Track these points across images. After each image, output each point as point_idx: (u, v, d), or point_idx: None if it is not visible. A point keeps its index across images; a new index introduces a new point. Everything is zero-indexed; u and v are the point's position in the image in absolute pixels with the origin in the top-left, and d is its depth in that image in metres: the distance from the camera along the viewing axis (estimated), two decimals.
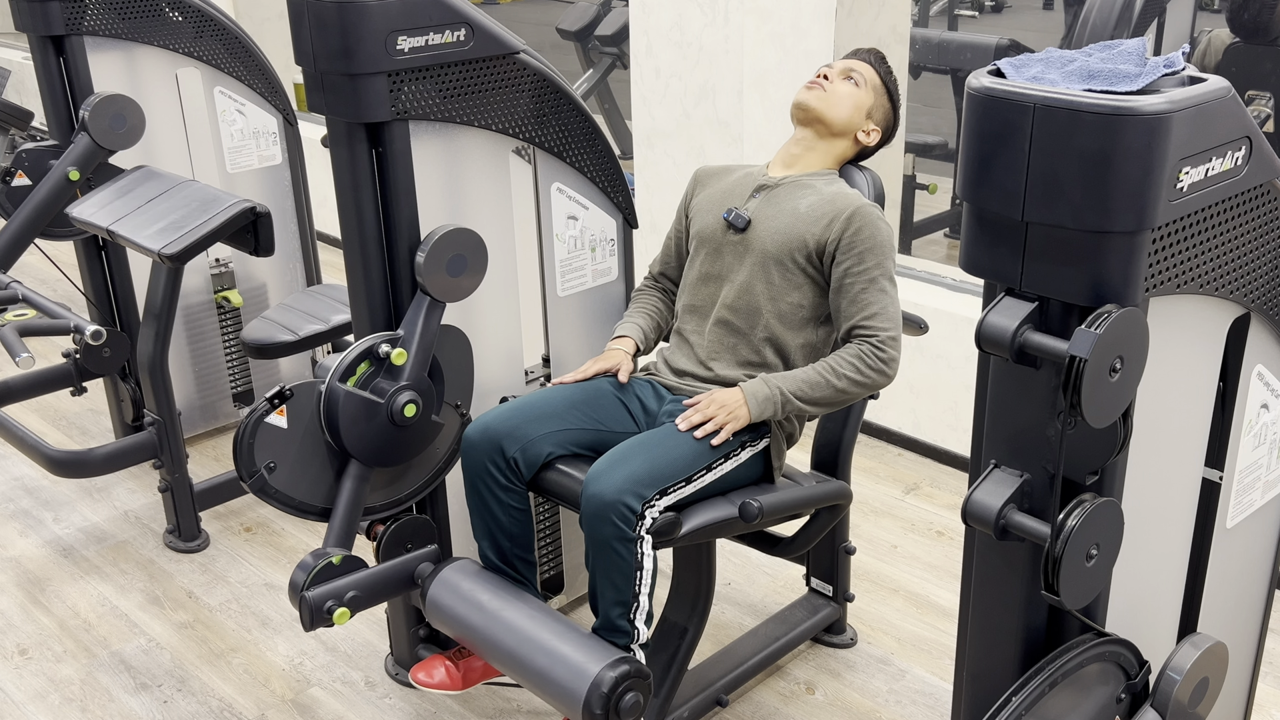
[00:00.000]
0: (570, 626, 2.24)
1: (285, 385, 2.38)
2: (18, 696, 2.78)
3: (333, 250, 5.41)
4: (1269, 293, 1.71)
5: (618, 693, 2.08)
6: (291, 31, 2.35)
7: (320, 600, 2.34)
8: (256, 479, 2.38)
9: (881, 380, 2.32)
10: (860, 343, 2.32)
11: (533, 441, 2.33)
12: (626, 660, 2.13)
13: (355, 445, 2.43)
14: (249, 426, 2.35)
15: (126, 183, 3.27)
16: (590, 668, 2.10)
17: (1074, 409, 1.41)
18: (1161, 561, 1.78)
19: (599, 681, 2.08)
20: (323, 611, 2.34)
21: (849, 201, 2.36)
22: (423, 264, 2.38)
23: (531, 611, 2.27)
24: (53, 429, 4.07)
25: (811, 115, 2.49)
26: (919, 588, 3.13)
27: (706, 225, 2.52)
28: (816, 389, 2.32)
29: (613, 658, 2.12)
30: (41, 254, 3.61)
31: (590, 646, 2.17)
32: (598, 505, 2.14)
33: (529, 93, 2.57)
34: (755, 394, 2.32)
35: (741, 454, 2.34)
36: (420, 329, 2.42)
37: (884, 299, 2.33)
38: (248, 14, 6.09)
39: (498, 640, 2.25)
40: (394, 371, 2.42)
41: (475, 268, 2.46)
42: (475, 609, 2.32)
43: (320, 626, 2.34)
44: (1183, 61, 1.48)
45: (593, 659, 2.12)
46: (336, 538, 2.46)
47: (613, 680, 2.08)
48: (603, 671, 2.09)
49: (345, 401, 2.38)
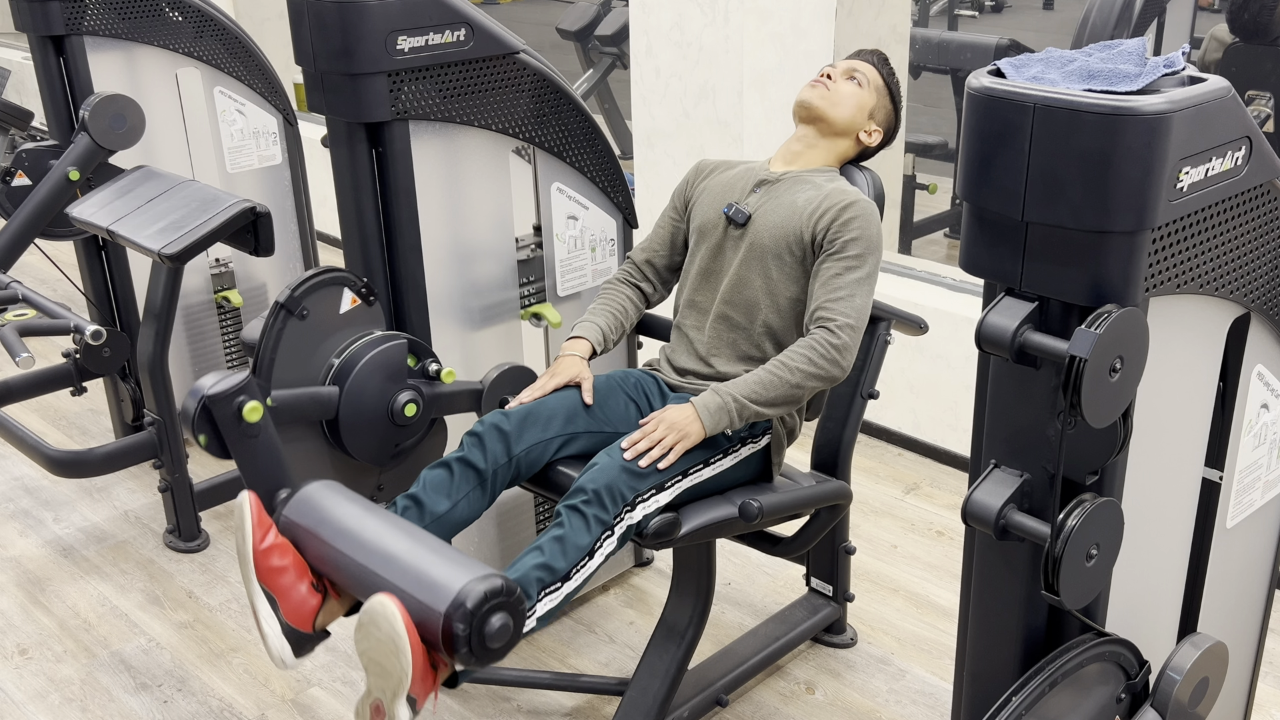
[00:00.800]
0: (442, 543, 1.91)
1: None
2: (18, 696, 2.79)
3: (333, 250, 5.41)
4: (1269, 293, 1.71)
5: (485, 609, 1.75)
6: (291, 31, 2.35)
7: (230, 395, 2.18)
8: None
9: (834, 370, 2.25)
10: (815, 329, 2.27)
11: (540, 444, 2.31)
12: (503, 577, 1.79)
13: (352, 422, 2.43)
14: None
15: (126, 183, 3.27)
16: (457, 579, 1.77)
17: (1074, 409, 1.41)
18: (1161, 561, 1.78)
19: (465, 593, 1.74)
20: (233, 407, 2.17)
21: (845, 195, 2.36)
22: (486, 390, 2.52)
23: (400, 526, 1.95)
24: (53, 429, 4.07)
25: (814, 113, 2.49)
26: (919, 588, 3.13)
27: (707, 220, 2.51)
28: (770, 388, 2.25)
29: (487, 571, 1.80)
30: (41, 254, 3.61)
31: (465, 561, 1.84)
32: (592, 482, 2.12)
33: (529, 93, 2.57)
34: (707, 405, 2.25)
35: (741, 450, 2.34)
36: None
37: (855, 289, 2.28)
38: (248, 14, 6.09)
39: (355, 551, 1.91)
40: (430, 382, 2.49)
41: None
42: (333, 522, 1.96)
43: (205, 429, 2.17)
44: (1183, 61, 1.48)
45: (464, 570, 1.79)
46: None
47: (481, 594, 1.74)
48: (471, 583, 1.75)
49: (386, 351, 2.40)
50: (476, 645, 1.74)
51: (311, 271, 2.39)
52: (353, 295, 2.43)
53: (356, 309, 2.44)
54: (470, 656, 1.75)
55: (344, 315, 2.44)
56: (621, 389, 2.45)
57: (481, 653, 1.75)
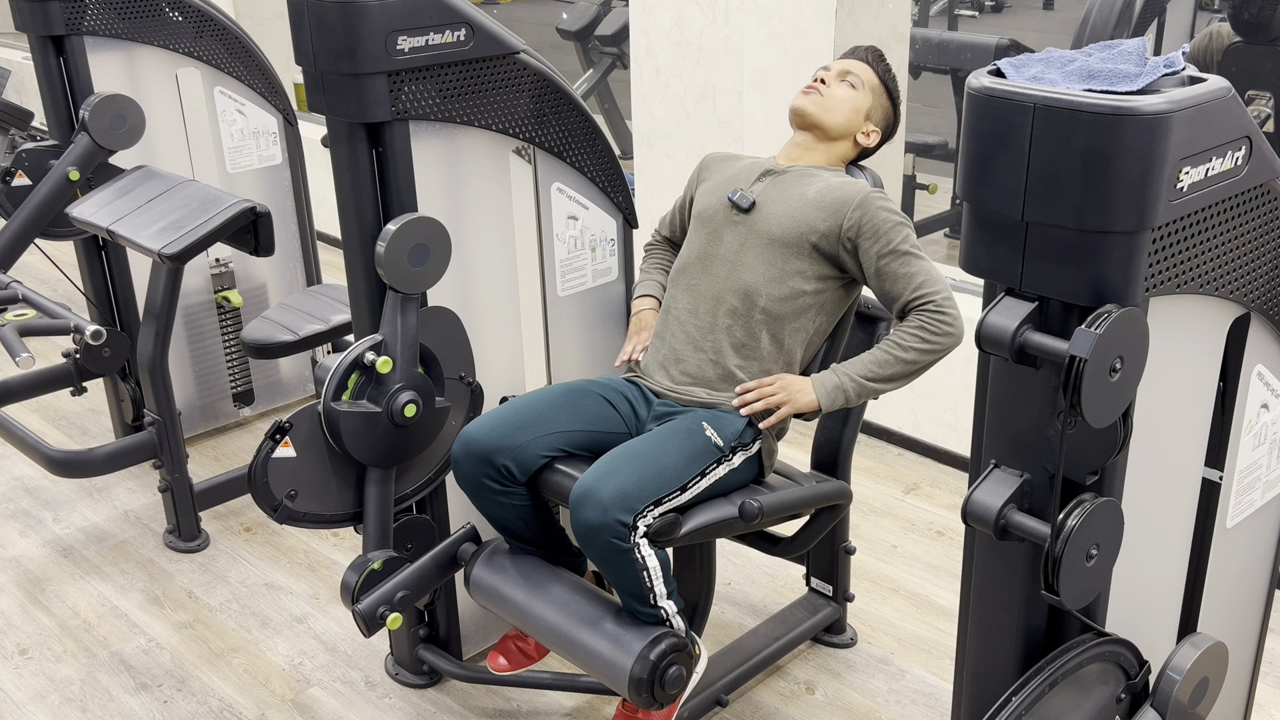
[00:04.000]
0: (609, 604, 2.31)
1: (283, 419, 2.39)
2: (18, 696, 2.78)
3: (333, 250, 5.41)
4: (1269, 293, 1.71)
5: (661, 668, 2.18)
6: (291, 31, 2.35)
7: (373, 609, 2.41)
8: (282, 510, 2.42)
9: (950, 341, 2.31)
10: (918, 314, 2.32)
11: (522, 449, 2.32)
12: (665, 636, 2.20)
13: (367, 455, 2.44)
14: (259, 466, 2.37)
15: (126, 183, 3.27)
16: (633, 645, 2.19)
17: (1074, 409, 1.41)
18: (1161, 561, 1.78)
19: (642, 660, 2.17)
20: (377, 618, 2.42)
21: (856, 189, 2.37)
22: (383, 256, 2.35)
23: (570, 590, 2.35)
24: (53, 429, 4.07)
25: (808, 121, 2.49)
26: (919, 588, 3.13)
27: (709, 206, 2.51)
28: (886, 366, 2.32)
29: (653, 635, 2.20)
30: (41, 254, 3.61)
31: (630, 624, 2.24)
32: (587, 529, 2.14)
33: (529, 93, 2.57)
34: (824, 383, 2.34)
35: (734, 459, 2.34)
36: (400, 328, 2.42)
37: (921, 265, 2.34)
38: (248, 14, 6.09)
39: (542, 618, 2.34)
40: (384, 377, 2.43)
41: (438, 256, 2.43)
42: (518, 588, 2.38)
43: (377, 631, 2.44)
44: (1183, 61, 1.48)
45: (635, 636, 2.21)
46: (374, 541, 2.50)
47: (655, 658, 2.17)
48: (645, 648, 2.18)
49: (345, 420, 2.39)
50: (661, 696, 2.21)
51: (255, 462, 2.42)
52: (281, 443, 2.45)
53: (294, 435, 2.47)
54: (657, 706, 2.22)
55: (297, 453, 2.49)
56: (605, 393, 2.46)
57: (666, 699, 2.22)
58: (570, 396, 2.42)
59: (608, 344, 2.92)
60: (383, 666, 2.85)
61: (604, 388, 2.46)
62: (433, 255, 2.41)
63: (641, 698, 2.19)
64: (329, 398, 2.39)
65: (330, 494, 2.49)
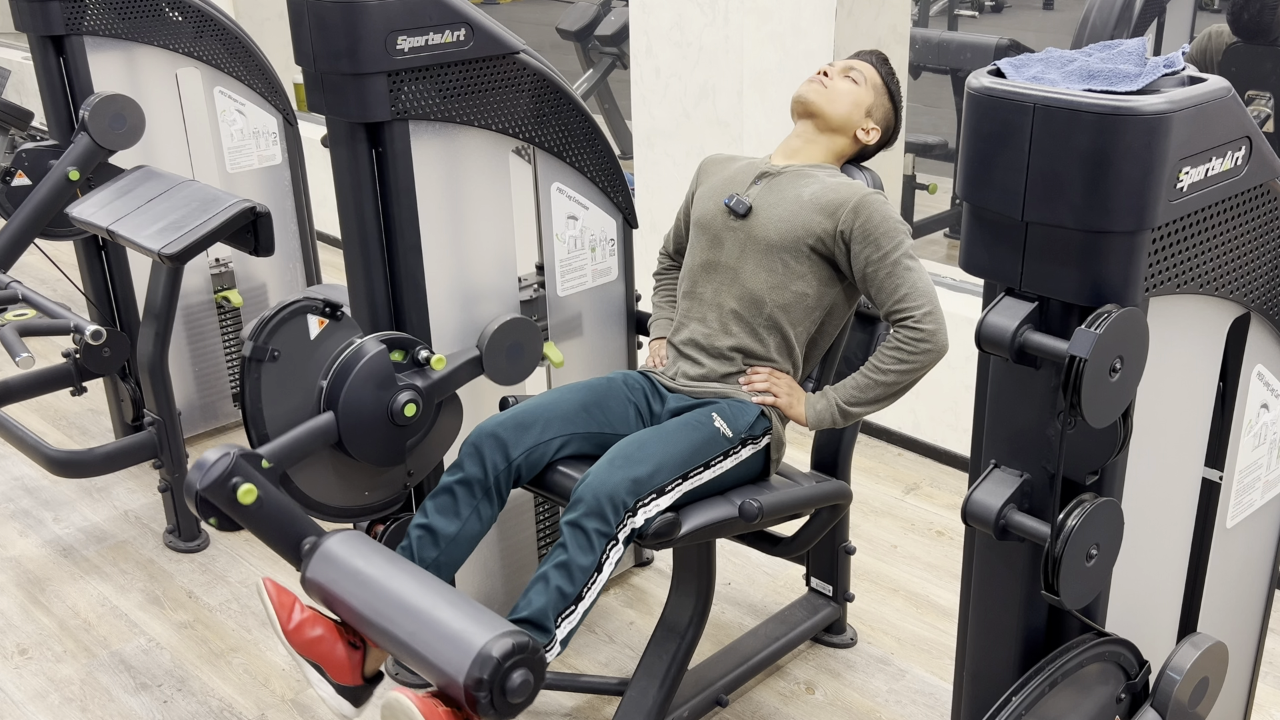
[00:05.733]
0: (462, 596, 2.01)
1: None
2: (18, 696, 2.79)
3: (333, 250, 5.41)
4: (1269, 293, 1.71)
5: (505, 667, 1.84)
6: (291, 31, 2.35)
7: (223, 479, 2.14)
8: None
9: (928, 359, 2.32)
10: (898, 329, 2.33)
11: (538, 446, 2.31)
12: (519, 633, 1.89)
13: (352, 408, 2.42)
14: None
15: (126, 183, 3.27)
16: (478, 637, 1.87)
17: (1074, 409, 1.41)
18: (1161, 561, 1.78)
19: (486, 651, 1.84)
20: (228, 489, 2.13)
21: (853, 190, 2.37)
22: (484, 354, 2.54)
23: (419, 579, 2.04)
24: (53, 429, 4.07)
25: (810, 109, 2.50)
26: (919, 588, 3.13)
27: (707, 211, 2.52)
28: (867, 391, 2.36)
29: (504, 629, 1.89)
30: (41, 254, 3.61)
31: (483, 617, 1.93)
32: (592, 492, 2.11)
33: (529, 93, 2.57)
34: (814, 404, 2.40)
35: (742, 451, 2.34)
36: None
37: (910, 276, 2.33)
38: (248, 14, 6.09)
39: (376, 610, 2.01)
40: (423, 372, 2.46)
41: (531, 353, 2.61)
42: (355, 579, 2.06)
43: (224, 501, 2.13)
44: (1183, 61, 1.48)
45: (483, 628, 1.89)
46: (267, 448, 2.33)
47: (503, 652, 1.84)
48: (491, 641, 1.85)
49: (369, 362, 2.39)
50: (500, 704, 1.85)
51: (266, 313, 2.40)
52: (318, 318, 2.43)
53: (326, 329, 2.45)
54: (495, 713, 1.86)
55: (316, 339, 2.45)
56: (619, 391, 2.45)
57: (505, 709, 1.86)
58: (595, 395, 2.42)
59: (608, 344, 2.92)
60: (382, 666, 2.85)
61: (621, 384, 2.47)
62: (526, 353, 2.61)
63: (479, 702, 1.87)
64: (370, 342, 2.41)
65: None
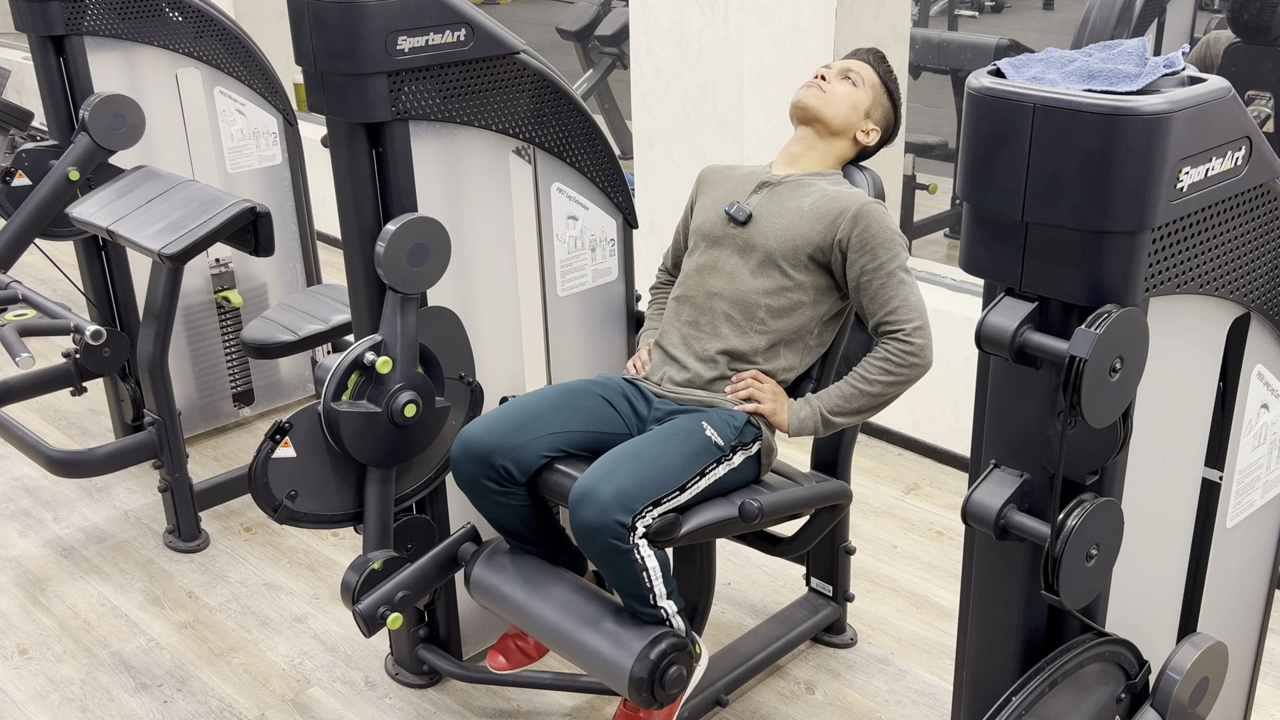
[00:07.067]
0: (609, 603, 2.32)
1: (283, 420, 2.40)
2: (18, 696, 2.78)
3: (333, 250, 5.41)
4: (1269, 293, 1.71)
5: (661, 667, 2.19)
6: (291, 31, 2.35)
7: (373, 609, 2.42)
8: (282, 511, 2.42)
9: (915, 373, 2.34)
10: (886, 341, 2.35)
11: (521, 449, 2.32)
12: (665, 635, 2.21)
13: (367, 455, 2.44)
14: (259, 466, 2.38)
15: (126, 183, 3.27)
16: (634, 645, 2.20)
17: (1074, 409, 1.41)
18: (1161, 561, 1.78)
19: (643, 659, 2.18)
20: (377, 618, 2.42)
21: (853, 199, 2.37)
22: (382, 256, 2.35)
23: (570, 589, 2.36)
24: (53, 429, 4.07)
25: (809, 114, 2.49)
26: (919, 588, 3.13)
27: (707, 220, 2.52)
28: (852, 400, 2.36)
29: (654, 634, 2.21)
30: (41, 254, 3.61)
31: (630, 623, 2.25)
32: (586, 529, 2.14)
33: (529, 93, 2.57)
34: (797, 412, 2.40)
35: (734, 458, 2.34)
36: (400, 328, 2.41)
37: (903, 290, 2.34)
38: (248, 14, 6.09)
39: (542, 618, 2.35)
40: (383, 377, 2.43)
41: (438, 256, 2.43)
42: (518, 587, 2.39)
43: (377, 631, 2.44)
44: (1182, 61, 1.48)
45: (635, 636, 2.22)
46: (374, 542, 2.50)
47: (656, 657, 2.18)
48: (645, 648, 2.19)
49: (345, 420, 2.39)
50: (662, 696, 2.21)
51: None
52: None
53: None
54: (657, 705, 2.23)
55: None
56: (604, 393, 2.46)
57: (666, 699, 2.23)
58: (570, 396, 2.42)
59: (608, 344, 2.92)
60: (383, 666, 2.85)
61: (603, 387, 2.46)
62: (432, 255, 2.41)
63: (642, 697, 2.20)
64: (329, 398, 2.39)
65: (330, 494, 2.49)
